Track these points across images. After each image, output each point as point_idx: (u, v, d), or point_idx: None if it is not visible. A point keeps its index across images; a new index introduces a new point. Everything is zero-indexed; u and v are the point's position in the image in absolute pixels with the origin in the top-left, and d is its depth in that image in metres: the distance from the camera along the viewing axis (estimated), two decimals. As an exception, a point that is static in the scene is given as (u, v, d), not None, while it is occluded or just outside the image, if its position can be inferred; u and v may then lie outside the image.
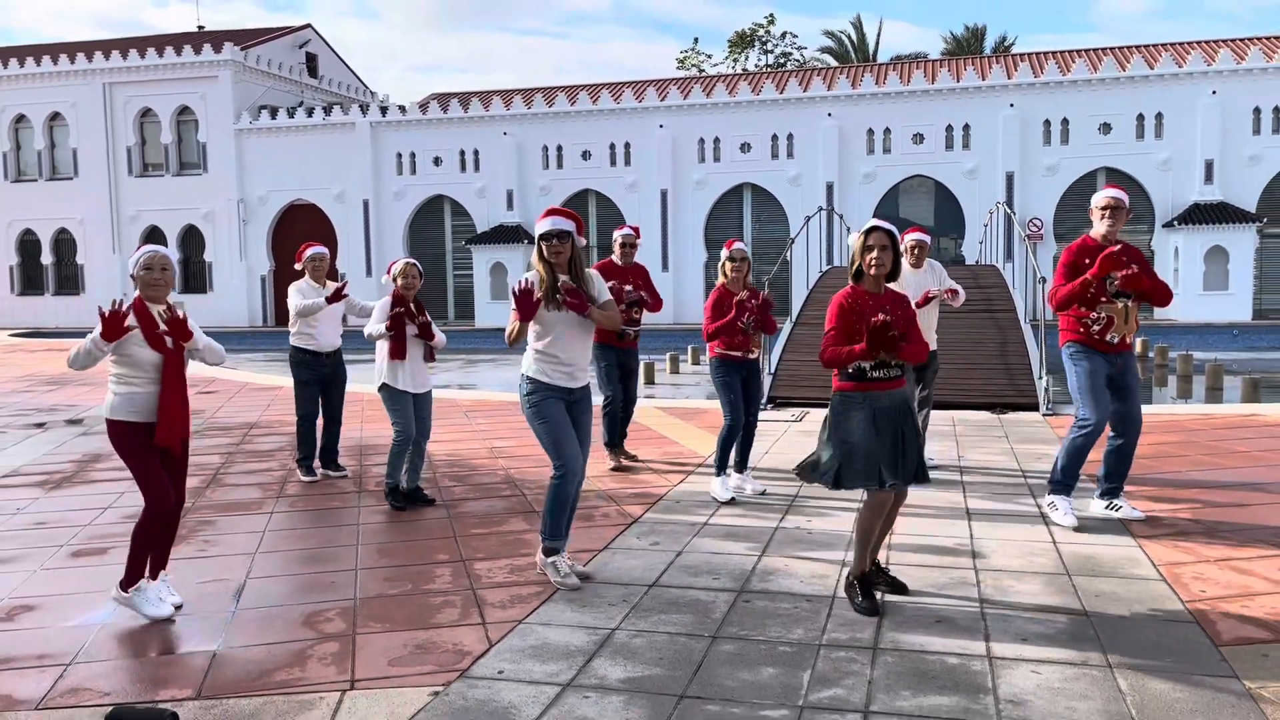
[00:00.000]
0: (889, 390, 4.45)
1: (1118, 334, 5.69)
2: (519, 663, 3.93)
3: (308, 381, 7.51)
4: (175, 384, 4.37)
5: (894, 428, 4.43)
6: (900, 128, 31.45)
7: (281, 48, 38.91)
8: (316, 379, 7.51)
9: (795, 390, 11.53)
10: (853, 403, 4.46)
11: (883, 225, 4.55)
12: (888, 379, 4.44)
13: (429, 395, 6.65)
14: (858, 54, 49.57)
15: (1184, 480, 6.94)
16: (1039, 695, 3.54)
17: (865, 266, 4.50)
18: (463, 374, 20.47)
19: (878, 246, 4.47)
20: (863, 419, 4.42)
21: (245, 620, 4.50)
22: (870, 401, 4.44)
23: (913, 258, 7.51)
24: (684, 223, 33.03)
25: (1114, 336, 5.70)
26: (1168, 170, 29.59)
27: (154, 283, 4.43)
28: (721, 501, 6.55)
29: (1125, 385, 5.79)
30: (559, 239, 4.74)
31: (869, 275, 4.51)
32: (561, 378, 4.82)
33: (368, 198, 35.18)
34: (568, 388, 4.84)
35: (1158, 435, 8.71)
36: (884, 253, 4.47)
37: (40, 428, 10.62)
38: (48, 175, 37.96)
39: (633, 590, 4.78)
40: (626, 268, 7.95)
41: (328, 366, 7.54)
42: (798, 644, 4.07)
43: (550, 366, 4.81)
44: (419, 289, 6.59)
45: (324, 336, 7.48)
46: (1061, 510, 5.89)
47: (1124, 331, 5.69)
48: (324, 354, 7.50)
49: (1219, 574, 4.87)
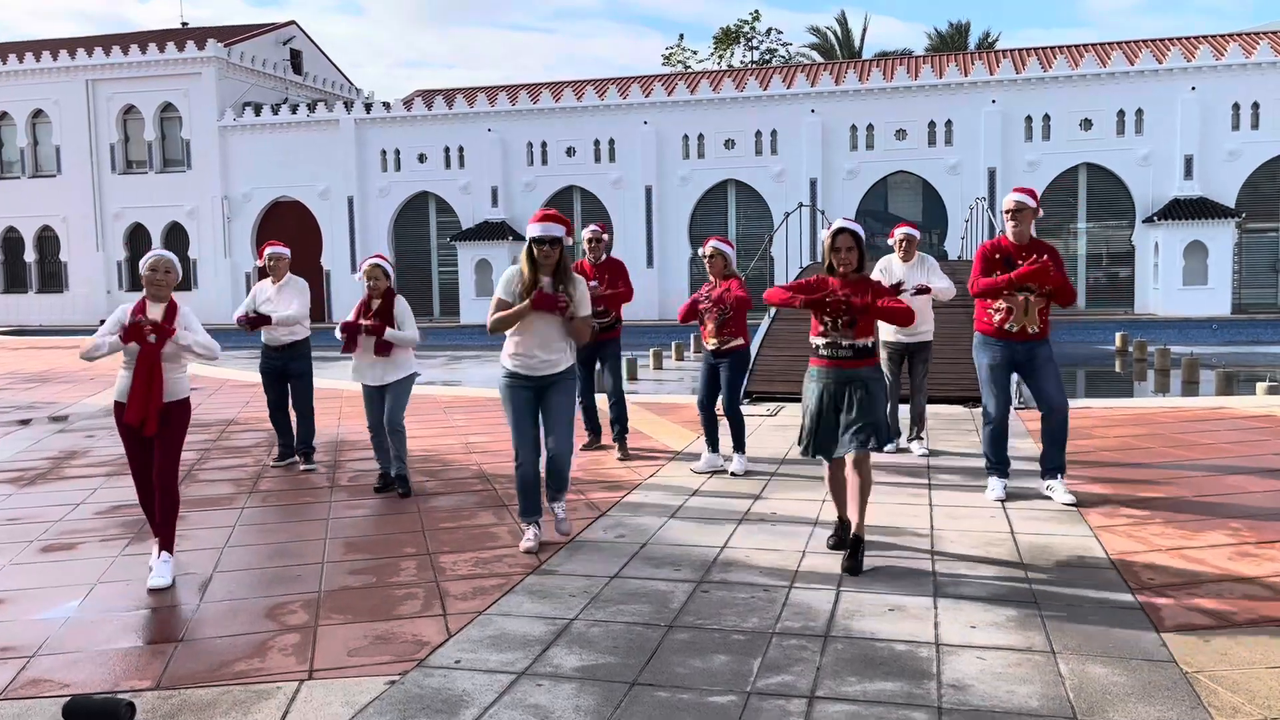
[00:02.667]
0: (838, 368, 5.00)
1: (1016, 324, 6.08)
2: (476, 652, 4.00)
3: (262, 371, 7.95)
4: (143, 372, 4.89)
5: (835, 402, 4.98)
6: (883, 124, 31.55)
7: (265, 44, 38.79)
8: (268, 369, 7.88)
9: (771, 385, 11.62)
10: (810, 375, 5.11)
11: (849, 227, 5.05)
12: (835, 358, 5.01)
13: (394, 386, 6.80)
14: (843, 50, 49.69)
15: (1145, 472, 7.05)
16: (981, 680, 3.63)
17: (836, 265, 5.03)
18: (446, 370, 20.52)
19: (844, 248, 5.01)
20: (811, 392, 5.05)
21: (209, 613, 4.56)
22: (822, 376, 5.04)
23: (903, 251, 7.78)
24: (669, 219, 33.09)
25: (1013, 325, 6.09)
26: (1148, 166, 29.78)
27: (157, 283, 4.99)
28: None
29: (1034, 370, 6.19)
30: (550, 245, 4.99)
31: (839, 272, 5.04)
32: (525, 369, 5.19)
33: (352, 195, 35.11)
34: (532, 376, 5.19)
35: (1125, 428, 8.83)
36: (850, 253, 5.01)
37: (25, 424, 10.63)
38: (30, 173, 37.76)
39: (594, 582, 4.85)
40: (598, 264, 8.12)
41: (277, 360, 7.82)
42: (751, 632, 4.15)
43: (517, 358, 5.19)
44: (386, 285, 6.79)
45: (273, 331, 7.75)
46: (990, 488, 6.40)
47: (1023, 322, 6.07)
48: (273, 347, 7.80)
49: (1169, 562, 4.97)
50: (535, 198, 33.70)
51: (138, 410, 4.89)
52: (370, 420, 6.95)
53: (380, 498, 6.81)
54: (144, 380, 4.87)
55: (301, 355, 7.82)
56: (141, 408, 4.88)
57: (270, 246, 7.78)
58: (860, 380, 5.00)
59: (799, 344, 13.02)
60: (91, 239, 37.14)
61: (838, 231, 5.04)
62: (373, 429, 6.95)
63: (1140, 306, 30.00)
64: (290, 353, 7.77)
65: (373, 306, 6.73)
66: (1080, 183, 30.69)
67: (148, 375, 4.87)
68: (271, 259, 7.73)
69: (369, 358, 6.74)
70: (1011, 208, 6.19)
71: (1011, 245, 6.19)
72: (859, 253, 5.02)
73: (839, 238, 5.00)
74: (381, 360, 6.71)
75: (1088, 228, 30.89)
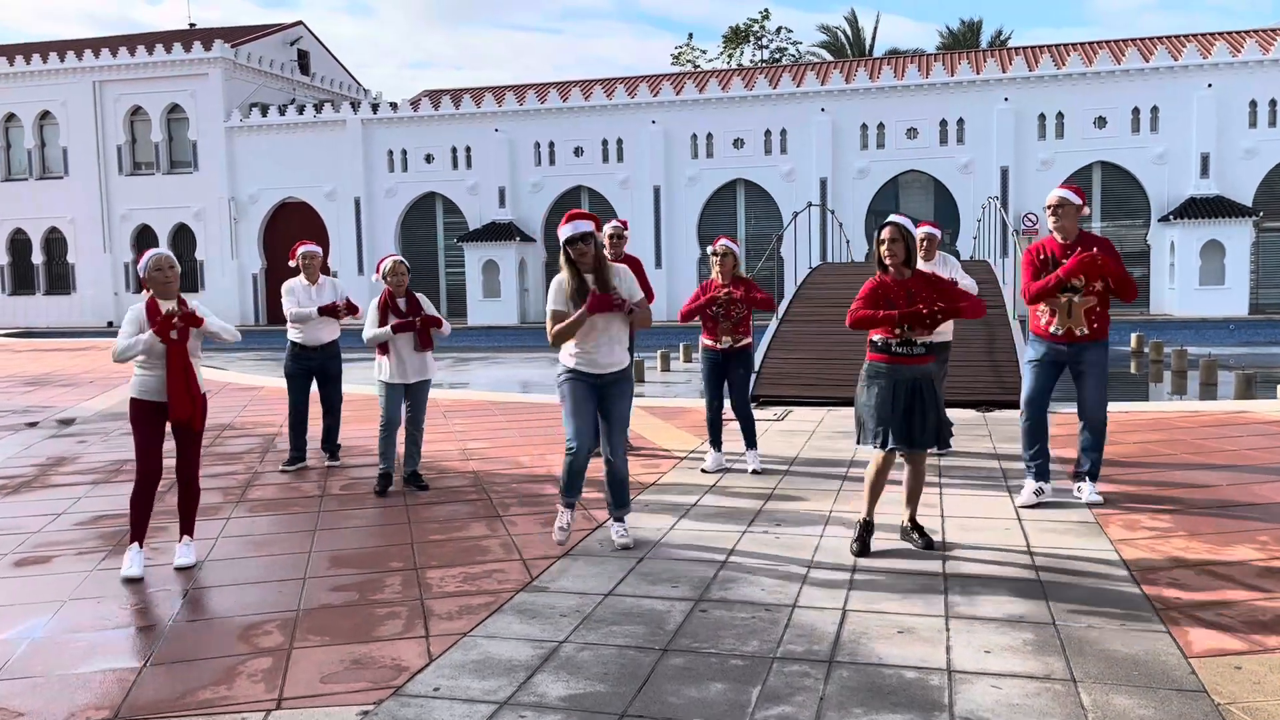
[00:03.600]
0: (910, 365, 5.05)
1: (1061, 326, 5.97)
2: (457, 679, 3.75)
3: (292, 374, 7.81)
4: (177, 370, 5.00)
5: (909, 398, 5.01)
6: (894, 123, 31.25)
7: (273, 45, 38.70)
8: (300, 371, 7.77)
9: (779, 389, 11.35)
10: (876, 371, 5.12)
11: (896, 220, 5.18)
12: (910, 355, 5.05)
13: (426, 383, 6.96)
14: (853, 49, 49.34)
15: (1167, 481, 6.77)
16: (997, 712, 3.37)
17: (883, 257, 5.15)
18: (453, 373, 20.29)
19: (889, 239, 5.13)
20: (882, 387, 5.05)
21: (181, 633, 4.33)
22: (892, 373, 5.06)
23: (923, 250, 7.84)
24: (677, 219, 32.84)
25: (1057, 328, 5.99)
26: (1163, 164, 29.40)
27: (165, 281, 5.09)
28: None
29: (1078, 374, 6.09)
30: (584, 241, 5.01)
31: (887, 264, 5.14)
32: (589, 366, 5.17)
33: (359, 195, 34.99)
34: (595, 374, 5.17)
35: (1143, 433, 8.54)
36: (895, 244, 5.11)
37: (32, 426, 10.45)
38: (38, 174, 37.77)
39: (587, 600, 4.60)
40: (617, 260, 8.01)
41: (314, 360, 7.77)
42: (751, 657, 3.90)
43: (581, 357, 5.18)
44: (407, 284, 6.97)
45: (310, 331, 7.71)
46: (1025, 490, 6.23)
47: (1068, 324, 5.94)
48: (310, 347, 7.72)
49: (1195, 579, 4.69)
50: (542, 198, 33.52)
51: (184, 405, 5.02)
52: (389, 418, 6.89)
53: (371, 507, 6.57)
54: (181, 374, 4.99)
55: (337, 354, 7.89)
56: (187, 401, 5.02)
57: (303, 245, 7.74)
58: (930, 376, 5.16)
59: (806, 346, 12.79)
60: (99, 240, 37.11)
61: (884, 224, 5.18)
62: (391, 426, 6.91)
63: (1156, 307, 29.61)
64: (328, 352, 7.79)
65: (399, 304, 6.81)
66: (1094, 181, 30.32)
67: (184, 368, 5.00)
68: (306, 258, 7.68)
69: (409, 353, 6.80)
70: (1053, 203, 6.03)
71: (1057, 244, 6.05)
72: (905, 245, 5.13)
73: (885, 229, 5.15)
74: (421, 355, 6.85)
75: (1102, 227, 30.50)
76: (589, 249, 5.05)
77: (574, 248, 5.05)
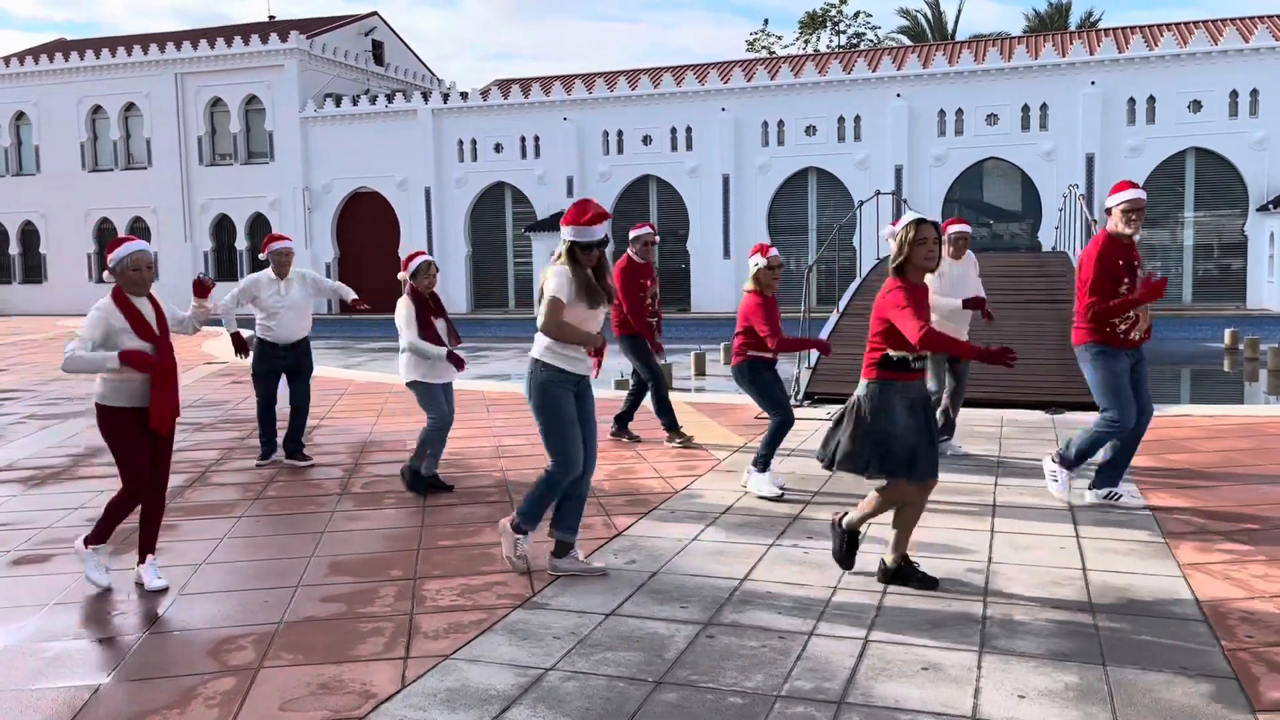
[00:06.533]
0: (919, 380, 4.59)
1: (1139, 331, 5.88)
2: (426, 710, 3.43)
3: (260, 374, 7.55)
4: (164, 369, 4.65)
5: (924, 416, 4.51)
6: (973, 108, 30.13)
7: (347, 36, 39.07)
8: (271, 370, 7.52)
9: (836, 385, 10.83)
10: (894, 391, 4.48)
11: (927, 218, 4.56)
12: (922, 369, 4.59)
13: (449, 386, 6.72)
14: (935, 34, 47.90)
15: (1250, 496, 6.13)
16: (1023, 776, 2.91)
17: (921, 260, 4.44)
18: (513, 365, 20.10)
19: (930, 239, 4.42)
20: (904, 410, 4.47)
21: (150, 646, 4.08)
22: (908, 391, 4.51)
23: (954, 249, 7.59)
24: (746, 208, 32.22)
25: (1137, 333, 5.88)
26: (1263, 150, 27.79)
27: (142, 281, 4.76)
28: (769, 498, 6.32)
29: (1140, 377, 5.98)
30: (599, 247, 4.74)
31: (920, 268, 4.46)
32: (573, 367, 4.81)
33: (430, 185, 35.10)
34: (577, 374, 4.83)
35: (1229, 440, 7.86)
36: (937, 245, 4.47)
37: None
38: (123, 165, 38.76)
39: (586, 620, 4.24)
40: (646, 264, 8.33)
41: (286, 359, 7.51)
42: (751, 694, 3.50)
43: (567, 357, 4.79)
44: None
45: (282, 329, 7.44)
46: (1060, 483, 6.10)
47: (1142, 329, 5.89)
48: (281, 345, 7.45)
49: (1273, 614, 4.14)
50: (610, 187, 33.20)
51: (166, 412, 4.65)
52: (439, 418, 6.54)
53: (386, 508, 6.31)
54: (168, 378, 4.68)
55: (308, 351, 7.65)
56: (168, 409, 4.66)
57: (276, 242, 7.46)
58: (928, 394, 4.87)
59: (862, 342, 12.21)
60: (180, 230, 37.94)
61: (921, 221, 4.47)
62: (440, 429, 6.58)
63: (1253, 301, 28.07)
64: (299, 349, 7.56)
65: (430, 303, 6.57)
66: (1188, 169, 28.84)
67: (168, 371, 4.69)
68: (276, 254, 7.38)
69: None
70: (1141, 205, 5.82)
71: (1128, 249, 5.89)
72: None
73: (920, 226, 4.45)
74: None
75: (1195, 217, 29.02)
76: (601, 254, 4.80)
77: (589, 254, 4.74)
